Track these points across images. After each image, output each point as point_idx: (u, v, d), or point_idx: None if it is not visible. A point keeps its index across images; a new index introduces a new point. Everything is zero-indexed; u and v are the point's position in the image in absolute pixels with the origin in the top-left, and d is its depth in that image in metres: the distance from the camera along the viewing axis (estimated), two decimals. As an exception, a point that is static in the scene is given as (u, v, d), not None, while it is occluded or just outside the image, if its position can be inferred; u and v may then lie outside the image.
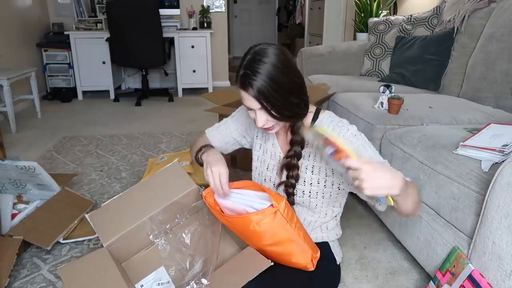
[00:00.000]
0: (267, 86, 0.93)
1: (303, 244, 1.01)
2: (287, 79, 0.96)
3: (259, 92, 0.94)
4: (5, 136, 2.86)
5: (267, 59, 0.94)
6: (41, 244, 1.50)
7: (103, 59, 4.22)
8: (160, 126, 3.30)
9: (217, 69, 4.83)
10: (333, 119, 1.08)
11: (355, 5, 3.89)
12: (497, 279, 0.95)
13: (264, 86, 0.93)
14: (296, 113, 1.03)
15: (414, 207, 0.92)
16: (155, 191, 1.20)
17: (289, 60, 0.99)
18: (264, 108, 0.97)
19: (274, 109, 0.97)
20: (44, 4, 4.40)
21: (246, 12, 8.31)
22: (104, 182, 2.18)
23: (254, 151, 1.26)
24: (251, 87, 0.94)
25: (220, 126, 1.31)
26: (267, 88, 0.93)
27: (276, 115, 0.99)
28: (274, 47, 0.97)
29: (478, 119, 1.71)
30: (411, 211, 0.93)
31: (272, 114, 0.98)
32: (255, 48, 0.98)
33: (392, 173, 0.81)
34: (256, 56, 0.95)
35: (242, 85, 0.96)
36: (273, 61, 0.94)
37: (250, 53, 0.97)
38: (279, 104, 0.97)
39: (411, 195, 0.90)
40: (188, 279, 1.02)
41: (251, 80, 0.94)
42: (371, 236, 1.65)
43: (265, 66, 0.93)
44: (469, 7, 2.25)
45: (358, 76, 2.85)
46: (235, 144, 1.32)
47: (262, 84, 0.93)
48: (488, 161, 1.13)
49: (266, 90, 0.94)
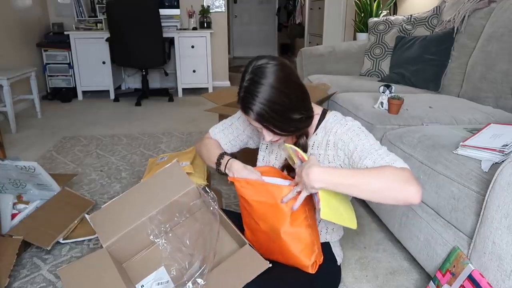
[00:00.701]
0: (266, 109, 0.95)
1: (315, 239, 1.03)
2: (286, 98, 0.97)
3: (259, 115, 0.96)
4: (5, 136, 2.86)
5: (266, 80, 0.94)
6: (41, 244, 1.50)
7: (103, 59, 4.22)
8: (160, 126, 3.30)
9: (217, 69, 4.83)
10: (337, 118, 1.09)
11: (355, 5, 3.89)
12: (497, 279, 0.95)
13: (264, 110, 0.95)
14: (299, 127, 1.05)
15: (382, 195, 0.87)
16: (155, 191, 1.20)
17: (289, 75, 0.99)
18: (267, 128, 1.00)
19: (277, 128, 1.00)
20: (44, 4, 4.40)
21: (246, 12, 8.31)
22: (104, 182, 2.18)
23: (260, 151, 1.27)
24: (252, 111, 0.96)
25: (227, 128, 1.29)
26: (267, 111, 0.95)
27: (279, 133, 1.01)
28: (273, 64, 0.97)
29: (478, 119, 1.71)
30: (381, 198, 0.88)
31: (275, 132, 1.01)
32: (254, 65, 0.97)
33: (308, 170, 0.88)
34: (254, 77, 0.95)
35: (243, 109, 0.99)
36: (272, 81, 0.94)
37: (249, 71, 0.97)
38: (280, 124, 0.99)
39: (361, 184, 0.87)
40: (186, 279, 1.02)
41: (250, 104, 0.96)
42: (371, 236, 1.65)
43: (263, 89, 0.94)
44: (469, 7, 2.25)
45: (358, 76, 2.85)
46: (242, 145, 1.33)
47: (261, 107, 0.95)
48: (488, 161, 1.13)
49: (266, 112, 0.95)
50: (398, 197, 0.87)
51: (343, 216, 0.97)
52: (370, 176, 0.88)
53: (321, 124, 1.10)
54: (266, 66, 0.96)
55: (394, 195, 0.87)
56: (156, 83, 4.95)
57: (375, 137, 1.02)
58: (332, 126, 1.07)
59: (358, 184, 0.88)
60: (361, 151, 0.98)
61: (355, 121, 1.07)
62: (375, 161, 0.94)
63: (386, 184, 0.87)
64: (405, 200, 0.87)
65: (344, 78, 2.69)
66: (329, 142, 1.07)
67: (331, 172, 0.90)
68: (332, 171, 0.90)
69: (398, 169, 0.89)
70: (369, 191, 0.88)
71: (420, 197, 0.86)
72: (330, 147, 1.07)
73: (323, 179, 0.88)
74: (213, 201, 1.11)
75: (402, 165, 0.92)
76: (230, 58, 5.90)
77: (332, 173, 0.90)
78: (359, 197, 0.90)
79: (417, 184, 0.87)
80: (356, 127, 1.04)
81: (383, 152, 0.96)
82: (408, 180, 0.87)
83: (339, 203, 0.98)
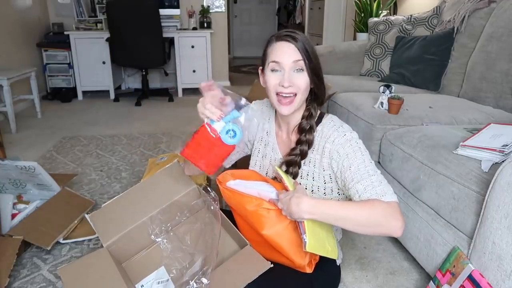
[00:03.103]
0: (308, 46, 1.03)
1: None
2: (317, 55, 1.05)
3: (304, 44, 1.02)
4: (5, 136, 2.86)
5: (303, 35, 1.05)
6: (41, 244, 1.50)
7: (103, 59, 4.22)
8: (160, 126, 3.30)
9: (217, 69, 4.83)
10: (335, 124, 1.08)
11: (355, 5, 3.89)
12: (497, 279, 0.95)
13: (307, 44, 1.03)
14: (321, 90, 1.09)
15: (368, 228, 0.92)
16: (155, 191, 1.20)
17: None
18: (304, 61, 1.01)
19: (312, 67, 1.03)
20: (44, 4, 4.40)
21: (246, 12, 8.31)
22: (104, 182, 2.18)
23: (253, 156, 1.25)
24: (297, 41, 1.01)
25: None
26: (309, 47, 1.03)
27: (311, 74, 1.03)
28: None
29: (478, 119, 1.71)
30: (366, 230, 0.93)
31: (309, 72, 1.03)
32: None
33: (298, 200, 0.89)
34: (291, 30, 1.04)
35: (287, 39, 1.02)
36: (307, 37, 1.06)
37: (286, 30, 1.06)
38: (315, 65, 1.04)
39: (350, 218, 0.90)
40: (188, 278, 1.02)
41: (296, 36, 1.02)
42: (371, 236, 1.65)
43: (303, 36, 1.04)
44: (469, 7, 2.25)
45: (358, 76, 2.85)
46: (240, 154, 1.30)
47: (305, 41, 1.03)
48: (488, 161, 1.13)
49: (309, 47, 1.03)
50: (382, 231, 0.92)
51: (326, 247, 0.98)
52: (359, 210, 0.91)
53: (318, 127, 1.09)
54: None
55: (379, 230, 0.92)
56: (156, 83, 4.95)
57: (375, 137, 1.02)
58: (330, 133, 1.06)
59: (347, 218, 0.91)
60: (355, 172, 0.98)
61: (353, 132, 1.06)
62: (366, 188, 0.95)
63: (373, 220, 0.90)
64: (388, 234, 0.92)
65: (344, 78, 2.68)
66: (325, 150, 1.06)
67: (321, 204, 0.92)
68: (322, 203, 0.92)
69: (386, 204, 0.91)
70: (356, 225, 0.91)
71: (402, 230, 0.90)
72: (325, 155, 1.06)
73: (313, 211, 0.90)
74: (214, 201, 1.11)
75: (390, 199, 0.93)
76: (230, 58, 5.90)
77: (322, 205, 0.91)
78: (344, 228, 0.94)
79: (401, 219, 0.90)
80: (354, 141, 1.03)
81: (375, 180, 0.96)
82: (393, 215, 0.90)
83: (324, 234, 0.99)
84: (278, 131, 1.20)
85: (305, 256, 1.02)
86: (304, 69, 1.02)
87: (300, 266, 1.03)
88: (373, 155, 1.64)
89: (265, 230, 0.98)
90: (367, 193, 0.95)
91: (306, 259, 1.03)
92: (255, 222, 0.99)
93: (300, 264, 1.03)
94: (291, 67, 1.02)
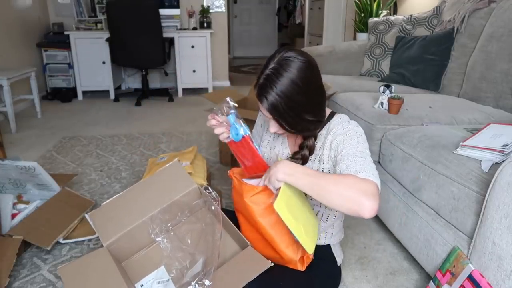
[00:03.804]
0: (282, 103, 0.93)
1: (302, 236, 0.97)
2: (304, 98, 0.95)
3: (272, 106, 0.95)
4: (5, 136, 2.86)
5: (289, 74, 0.93)
6: (41, 244, 1.50)
7: (103, 59, 4.22)
8: (160, 126, 3.30)
9: (217, 69, 4.83)
10: (343, 121, 1.07)
11: (355, 5, 3.89)
12: (497, 279, 0.95)
13: (279, 102, 0.93)
14: (308, 129, 1.03)
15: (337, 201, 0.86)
16: (156, 190, 1.20)
17: (313, 76, 0.97)
18: (276, 121, 0.98)
19: (286, 123, 0.98)
20: (44, 4, 4.40)
21: (246, 12, 8.31)
22: (104, 182, 2.18)
23: (261, 147, 1.25)
24: (266, 100, 0.94)
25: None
26: (282, 105, 0.94)
27: (287, 129, 0.99)
28: (301, 60, 0.95)
29: (478, 119, 1.71)
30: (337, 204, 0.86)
31: (283, 127, 0.99)
32: (282, 55, 0.95)
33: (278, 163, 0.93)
34: (279, 68, 0.93)
35: (258, 96, 0.97)
36: (294, 77, 0.93)
37: (275, 60, 0.95)
38: (291, 121, 0.97)
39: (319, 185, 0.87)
40: (189, 279, 1.02)
41: (267, 93, 0.94)
42: (371, 236, 1.65)
43: (284, 82, 0.92)
44: (469, 7, 2.25)
45: (358, 76, 2.85)
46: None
47: (277, 99, 0.93)
48: (488, 161, 1.13)
49: (281, 106, 0.94)
50: (353, 209, 0.84)
51: (301, 230, 0.94)
52: (333, 180, 0.87)
53: (326, 125, 1.09)
54: (293, 60, 0.94)
55: (350, 205, 0.84)
56: (156, 83, 4.95)
57: (375, 137, 1.02)
58: (334, 127, 1.06)
59: (320, 185, 0.87)
60: (345, 154, 0.97)
61: (359, 127, 1.05)
62: (348, 166, 0.93)
63: (344, 192, 0.85)
64: (356, 212, 0.84)
65: (344, 78, 2.69)
66: (327, 141, 1.06)
67: (297, 167, 0.92)
68: (298, 167, 0.92)
69: (361, 181, 0.87)
70: (326, 194, 0.86)
71: (373, 213, 0.83)
72: (326, 147, 1.07)
73: (287, 171, 0.90)
74: (214, 201, 1.11)
75: (367, 177, 0.89)
76: (230, 58, 5.90)
77: (299, 167, 0.92)
78: (318, 200, 0.89)
79: (374, 199, 0.83)
80: (354, 131, 1.02)
81: (361, 161, 0.93)
82: (366, 193, 0.84)
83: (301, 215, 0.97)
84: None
85: (297, 250, 1.01)
86: (281, 124, 0.99)
87: (291, 261, 1.02)
88: (373, 155, 1.64)
89: (258, 217, 0.98)
90: (347, 171, 0.93)
91: (298, 254, 1.01)
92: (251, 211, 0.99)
93: (291, 258, 1.01)
94: (270, 117, 1.00)
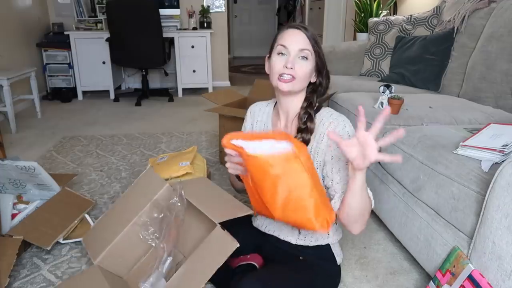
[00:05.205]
0: (317, 39, 1.08)
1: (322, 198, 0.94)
2: (323, 53, 1.11)
3: (314, 37, 1.07)
4: (5, 136, 2.86)
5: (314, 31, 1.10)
6: (41, 244, 1.50)
7: (103, 59, 4.22)
8: (160, 126, 3.30)
9: (217, 69, 4.83)
10: (333, 113, 1.11)
11: (355, 5, 3.89)
12: (497, 279, 0.95)
13: (316, 38, 1.08)
14: (321, 84, 1.12)
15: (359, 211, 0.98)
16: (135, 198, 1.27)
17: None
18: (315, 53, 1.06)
19: (320, 60, 1.08)
20: (44, 4, 4.40)
21: (246, 12, 8.32)
22: (104, 182, 2.18)
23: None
24: (308, 31, 1.06)
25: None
26: (316, 40, 1.08)
27: (318, 65, 1.08)
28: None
29: (478, 119, 1.71)
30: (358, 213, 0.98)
31: (312, 62, 1.06)
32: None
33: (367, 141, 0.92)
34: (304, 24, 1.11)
35: (299, 27, 1.07)
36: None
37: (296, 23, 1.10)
38: (323, 58, 1.09)
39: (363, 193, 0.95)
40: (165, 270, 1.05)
41: (308, 27, 1.07)
42: (371, 236, 1.65)
43: (314, 32, 1.09)
44: (469, 7, 2.25)
45: (358, 76, 2.85)
46: None
47: (315, 36, 1.08)
48: (488, 161, 1.13)
49: (316, 39, 1.08)
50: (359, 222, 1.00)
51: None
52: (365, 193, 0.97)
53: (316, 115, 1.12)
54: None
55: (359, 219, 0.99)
56: (156, 83, 4.95)
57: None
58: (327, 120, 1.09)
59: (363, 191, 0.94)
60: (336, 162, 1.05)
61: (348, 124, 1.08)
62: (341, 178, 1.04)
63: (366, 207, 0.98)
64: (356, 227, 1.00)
65: (344, 78, 2.69)
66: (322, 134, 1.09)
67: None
68: None
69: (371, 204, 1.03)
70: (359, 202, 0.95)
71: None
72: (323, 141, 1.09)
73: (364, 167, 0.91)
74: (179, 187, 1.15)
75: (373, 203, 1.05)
76: (230, 58, 5.90)
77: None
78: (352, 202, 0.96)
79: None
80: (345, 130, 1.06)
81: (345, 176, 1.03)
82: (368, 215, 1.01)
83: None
84: (277, 121, 1.21)
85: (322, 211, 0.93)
86: (309, 58, 1.05)
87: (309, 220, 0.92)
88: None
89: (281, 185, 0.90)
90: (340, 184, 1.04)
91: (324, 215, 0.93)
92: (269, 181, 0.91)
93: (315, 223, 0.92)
94: (297, 53, 1.05)
